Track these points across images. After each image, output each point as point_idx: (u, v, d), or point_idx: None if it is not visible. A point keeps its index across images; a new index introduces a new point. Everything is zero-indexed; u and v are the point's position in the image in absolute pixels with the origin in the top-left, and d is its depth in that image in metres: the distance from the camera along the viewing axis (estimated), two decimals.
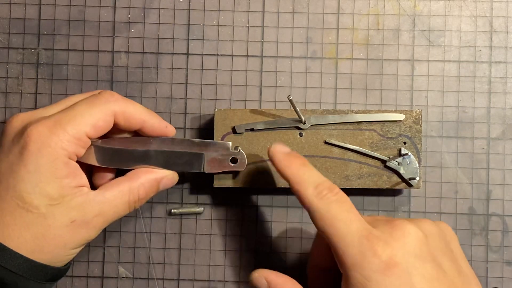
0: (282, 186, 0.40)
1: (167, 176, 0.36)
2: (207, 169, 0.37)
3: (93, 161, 0.35)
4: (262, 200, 0.43)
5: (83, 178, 0.33)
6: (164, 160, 0.36)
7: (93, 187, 0.36)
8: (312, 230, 0.43)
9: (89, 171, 0.37)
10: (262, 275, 0.33)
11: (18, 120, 0.33)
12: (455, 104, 0.43)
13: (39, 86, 0.43)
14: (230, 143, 0.38)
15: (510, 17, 0.43)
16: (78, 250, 0.34)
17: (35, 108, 0.43)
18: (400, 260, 0.28)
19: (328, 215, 0.31)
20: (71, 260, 0.35)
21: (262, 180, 0.40)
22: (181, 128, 0.43)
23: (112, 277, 0.43)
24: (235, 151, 0.38)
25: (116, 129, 0.36)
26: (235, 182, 0.40)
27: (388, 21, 0.44)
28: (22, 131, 0.32)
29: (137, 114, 0.35)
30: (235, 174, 0.40)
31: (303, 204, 0.32)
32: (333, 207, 0.31)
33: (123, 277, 0.43)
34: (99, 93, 0.35)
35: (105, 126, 0.34)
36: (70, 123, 0.32)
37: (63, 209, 0.32)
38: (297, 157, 0.34)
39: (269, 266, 0.43)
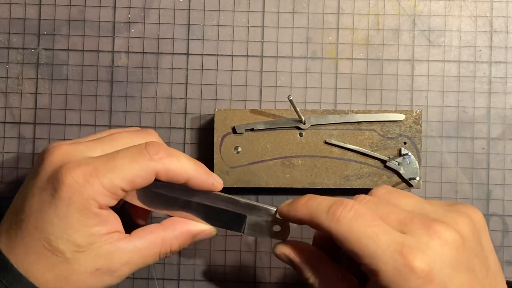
0: (282, 186, 0.40)
1: (204, 231, 0.34)
2: (247, 232, 0.35)
3: (133, 200, 0.34)
4: (262, 200, 0.43)
5: (114, 224, 0.32)
6: (205, 214, 0.34)
7: (128, 226, 0.35)
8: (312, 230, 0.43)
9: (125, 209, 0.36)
10: (282, 251, 0.33)
11: (59, 154, 0.32)
12: (455, 104, 0.43)
13: (39, 86, 0.43)
14: (275, 209, 0.34)
15: (510, 17, 0.43)
16: None
17: (35, 108, 0.43)
18: (438, 274, 0.27)
19: (351, 236, 0.29)
20: None
21: (262, 180, 0.40)
22: (181, 128, 0.43)
23: None
24: (278, 218, 0.34)
25: None
26: (235, 182, 0.40)
27: (388, 21, 0.44)
28: (59, 170, 0.31)
29: (181, 172, 0.33)
30: (235, 173, 0.40)
31: (327, 234, 0.30)
32: (353, 226, 0.29)
33: None
34: (145, 144, 0.32)
35: (143, 182, 0.32)
36: (107, 175, 0.31)
37: (90, 256, 0.31)
38: (301, 198, 0.33)
39: (269, 266, 0.43)
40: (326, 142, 0.40)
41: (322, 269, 0.32)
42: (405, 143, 0.40)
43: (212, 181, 0.34)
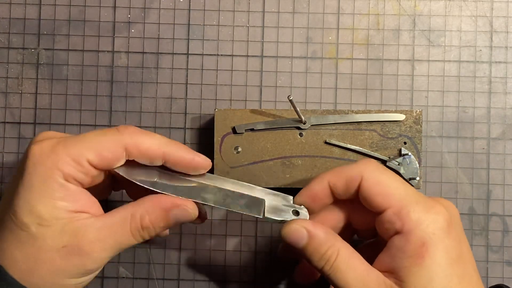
0: (282, 186, 0.40)
1: (180, 206, 0.32)
2: (267, 216, 0.34)
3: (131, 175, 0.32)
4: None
5: (85, 204, 0.31)
6: (222, 198, 0.33)
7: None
8: None
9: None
10: (302, 225, 0.32)
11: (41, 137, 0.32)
12: (455, 104, 0.43)
13: (39, 86, 0.43)
14: (292, 197, 0.34)
15: (510, 17, 0.43)
16: (76, 282, 0.31)
17: (35, 108, 0.43)
18: (454, 226, 0.30)
19: (384, 181, 0.31)
20: None
21: (262, 180, 0.40)
22: (181, 128, 0.43)
23: (112, 277, 0.43)
24: (297, 206, 0.34)
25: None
26: None
27: (388, 21, 0.44)
28: (30, 145, 0.31)
29: (154, 146, 0.31)
30: (235, 173, 0.40)
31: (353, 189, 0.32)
32: (384, 175, 0.32)
33: (123, 277, 0.43)
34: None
35: (112, 157, 0.31)
36: (73, 145, 0.30)
37: (55, 232, 0.30)
38: (315, 181, 0.34)
39: (269, 266, 0.43)
40: (326, 142, 0.40)
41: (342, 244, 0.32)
42: (405, 143, 0.40)
43: (192, 156, 0.33)
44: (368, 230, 0.35)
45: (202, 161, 0.33)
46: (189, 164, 0.33)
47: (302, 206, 0.34)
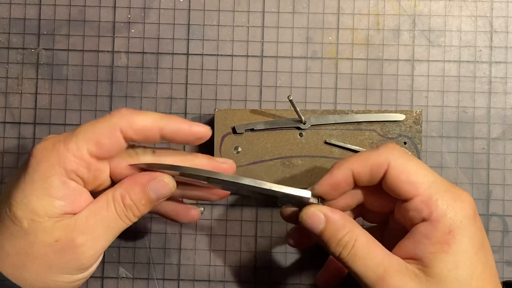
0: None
1: (156, 178, 0.32)
2: (282, 205, 0.33)
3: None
4: (262, 200, 0.43)
5: (83, 206, 0.31)
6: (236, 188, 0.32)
7: None
8: None
9: None
10: (320, 209, 0.31)
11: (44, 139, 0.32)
12: (455, 104, 0.43)
13: (39, 86, 0.43)
14: (310, 193, 0.32)
15: (510, 17, 0.43)
16: (70, 279, 0.31)
17: (35, 108, 0.43)
18: (478, 216, 0.31)
19: (410, 166, 0.31)
20: None
21: (262, 180, 0.40)
22: None
23: (112, 277, 0.43)
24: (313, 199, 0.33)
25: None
26: None
27: (388, 21, 0.44)
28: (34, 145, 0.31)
29: (148, 123, 0.31)
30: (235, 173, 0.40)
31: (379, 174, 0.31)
32: (411, 162, 0.31)
33: (123, 277, 0.43)
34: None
35: (111, 143, 0.30)
36: (72, 139, 0.30)
37: (46, 228, 0.29)
38: (335, 168, 0.32)
39: (269, 266, 0.43)
40: (326, 142, 0.40)
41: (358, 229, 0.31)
42: (405, 143, 0.40)
43: (190, 124, 0.32)
44: (379, 215, 0.35)
45: (201, 128, 0.32)
46: (188, 134, 0.32)
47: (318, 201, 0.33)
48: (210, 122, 0.43)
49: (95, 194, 0.32)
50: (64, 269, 0.30)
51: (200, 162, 0.33)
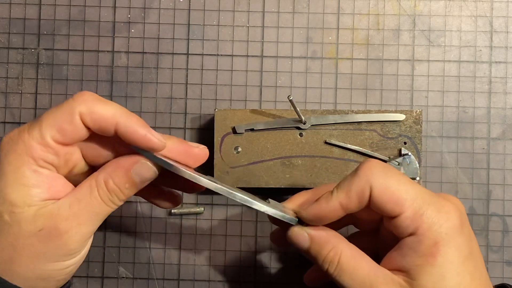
0: (282, 186, 0.40)
1: (139, 161, 0.31)
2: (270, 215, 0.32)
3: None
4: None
5: (63, 190, 0.30)
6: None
7: None
8: None
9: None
10: (304, 229, 0.32)
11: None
12: (455, 104, 0.43)
13: (39, 86, 0.43)
14: (296, 220, 0.32)
15: (510, 17, 0.43)
16: (60, 266, 0.31)
17: (35, 108, 0.43)
18: (466, 225, 0.30)
19: (393, 186, 0.30)
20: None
21: (262, 180, 0.40)
22: (181, 128, 0.43)
23: (112, 277, 0.43)
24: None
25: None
26: (235, 182, 0.40)
27: (388, 21, 0.44)
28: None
29: (107, 115, 0.30)
30: (235, 173, 0.40)
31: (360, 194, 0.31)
32: (392, 179, 0.31)
33: (123, 277, 0.43)
34: None
35: (72, 129, 0.30)
36: (36, 127, 0.29)
37: (29, 218, 0.29)
38: (320, 200, 0.32)
39: (269, 266, 0.43)
40: (326, 142, 0.40)
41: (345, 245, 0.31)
42: (405, 143, 0.40)
43: (145, 132, 0.30)
44: (370, 223, 0.35)
45: (156, 140, 0.31)
46: (141, 140, 0.30)
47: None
48: (210, 122, 0.43)
49: (74, 181, 0.32)
50: (52, 257, 0.30)
51: (172, 144, 0.32)
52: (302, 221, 0.32)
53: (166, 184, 0.36)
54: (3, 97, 0.43)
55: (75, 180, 0.32)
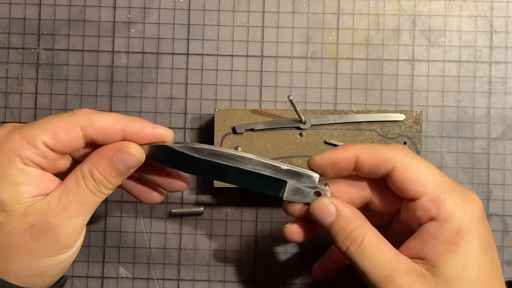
0: None
1: (121, 150, 0.31)
2: (286, 197, 0.32)
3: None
4: (262, 200, 0.43)
5: (51, 187, 0.31)
6: (244, 180, 0.32)
7: None
8: None
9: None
10: (332, 202, 0.31)
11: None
12: (455, 104, 0.43)
13: (39, 86, 0.43)
14: (318, 176, 0.32)
15: (510, 17, 0.43)
16: (55, 261, 0.31)
17: (35, 108, 0.43)
18: (485, 217, 0.30)
19: (418, 165, 0.30)
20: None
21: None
22: (181, 128, 0.43)
23: (112, 277, 0.43)
24: (321, 186, 0.32)
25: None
26: None
27: (388, 21, 0.44)
28: None
29: (110, 123, 0.31)
30: None
31: (383, 168, 0.31)
32: (419, 162, 0.31)
33: (123, 277, 0.43)
34: None
35: (68, 138, 0.30)
36: (28, 129, 0.30)
37: (19, 215, 0.29)
38: (340, 147, 0.32)
39: (269, 266, 0.43)
40: (326, 142, 0.40)
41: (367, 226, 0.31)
42: (405, 143, 0.40)
43: (152, 125, 0.32)
44: (383, 216, 0.34)
45: (164, 131, 0.32)
46: (151, 135, 0.32)
47: (327, 187, 0.32)
48: (210, 122, 0.43)
49: (62, 175, 0.32)
50: (46, 253, 0.30)
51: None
52: (322, 182, 0.32)
53: (148, 181, 0.35)
54: (3, 97, 0.43)
55: (62, 174, 0.32)
